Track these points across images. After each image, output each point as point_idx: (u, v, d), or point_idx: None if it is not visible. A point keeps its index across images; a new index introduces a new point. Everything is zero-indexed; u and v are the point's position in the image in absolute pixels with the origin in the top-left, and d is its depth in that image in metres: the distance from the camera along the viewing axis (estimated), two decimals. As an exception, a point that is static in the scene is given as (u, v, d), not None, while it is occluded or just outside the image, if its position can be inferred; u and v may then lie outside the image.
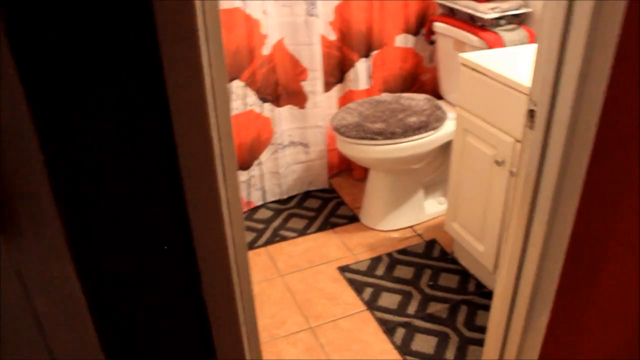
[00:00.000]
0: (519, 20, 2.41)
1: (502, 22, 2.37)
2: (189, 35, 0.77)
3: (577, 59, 1.07)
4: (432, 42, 2.82)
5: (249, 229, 2.70)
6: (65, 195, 0.78)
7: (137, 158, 0.82)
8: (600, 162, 1.22)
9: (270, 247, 2.57)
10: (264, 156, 2.77)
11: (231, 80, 2.51)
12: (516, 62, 1.96)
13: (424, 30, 2.86)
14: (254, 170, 2.77)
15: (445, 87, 2.75)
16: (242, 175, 2.72)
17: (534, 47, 1.59)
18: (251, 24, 2.47)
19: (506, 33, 2.33)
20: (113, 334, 0.93)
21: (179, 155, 0.83)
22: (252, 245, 2.58)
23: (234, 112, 2.58)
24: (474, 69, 1.98)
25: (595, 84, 1.09)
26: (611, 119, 1.17)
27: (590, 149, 1.16)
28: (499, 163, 1.91)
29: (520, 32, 2.36)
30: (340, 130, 2.41)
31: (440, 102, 2.66)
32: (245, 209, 2.82)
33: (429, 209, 2.73)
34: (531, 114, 1.21)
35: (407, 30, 2.84)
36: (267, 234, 2.66)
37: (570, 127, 1.13)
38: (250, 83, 2.57)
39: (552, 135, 1.18)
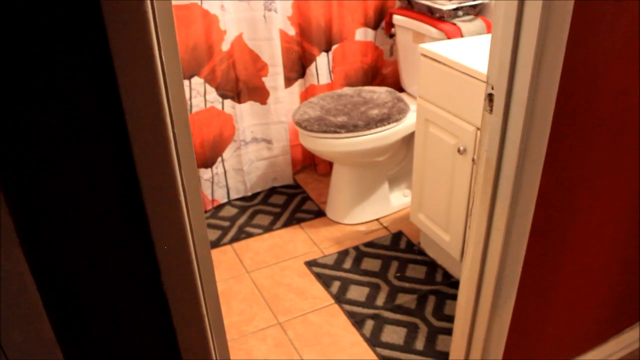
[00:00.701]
0: (476, 11, 2.43)
1: (460, 13, 2.38)
2: (140, 32, 0.75)
3: (532, 39, 1.08)
4: (391, 35, 2.82)
5: (214, 227, 2.67)
6: (16, 190, 0.75)
7: (91, 157, 0.80)
8: (559, 143, 1.23)
9: (236, 245, 2.55)
10: (227, 153, 2.74)
11: (190, 77, 2.47)
12: (475, 51, 1.97)
13: (383, 24, 2.87)
14: (218, 167, 2.74)
15: (406, 79, 2.76)
16: (206, 173, 2.69)
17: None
18: (209, 20, 2.44)
19: (464, 24, 2.35)
20: (71, 334, 0.90)
21: (134, 154, 0.81)
22: (217, 243, 2.55)
23: (194, 110, 2.55)
24: (433, 59, 1.99)
25: (551, 63, 1.10)
26: (567, 98, 1.18)
27: (549, 129, 1.17)
28: (461, 151, 1.93)
29: (478, 23, 2.38)
30: (303, 124, 2.40)
31: (402, 95, 2.66)
32: (210, 207, 2.79)
33: (395, 201, 2.74)
34: (490, 97, 1.21)
35: (366, 24, 2.84)
36: (232, 232, 2.63)
37: (528, 108, 1.14)
38: (210, 80, 2.54)
39: (511, 117, 1.18)
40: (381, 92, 2.60)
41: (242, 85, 2.67)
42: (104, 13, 0.71)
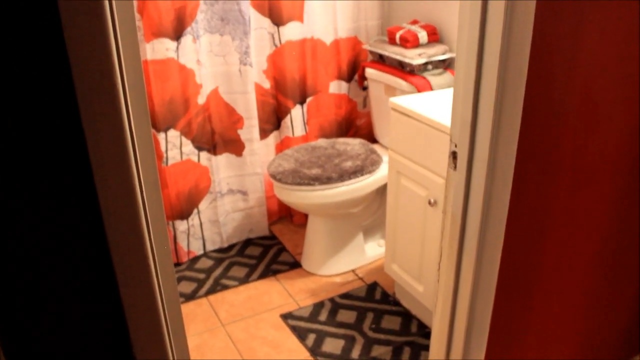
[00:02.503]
0: (445, 64, 2.50)
1: (430, 67, 2.45)
2: (108, 88, 0.77)
3: (490, 100, 1.13)
4: (364, 88, 2.89)
5: (190, 279, 2.66)
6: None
7: (57, 210, 0.81)
8: (521, 197, 1.27)
9: (212, 297, 2.54)
10: (203, 205, 2.75)
11: (167, 129, 2.50)
12: (443, 105, 2.02)
13: (356, 77, 2.94)
14: (193, 219, 2.74)
15: (379, 131, 2.81)
16: (182, 225, 2.69)
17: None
18: (185, 74, 2.48)
19: (433, 77, 2.41)
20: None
21: (101, 206, 0.83)
22: (193, 296, 2.54)
23: (170, 162, 2.57)
24: (403, 113, 2.04)
25: (509, 122, 1.15)
26: (528, 155, 1.22)
27: (511, 184, 1.21)
28: (432, 203, 1.96)
29: (447, 76, 2.45)
30: (277, 177, 2.42)
31: (375, 146, 2.71)
32: (185, 259, 2.78)
33: (370, 251, 2.76)
34: (453, 155, 1.25)
35: (340, 77, 2.90)
36: (208, 284, 2.62)
37: (490, 166, 1.18)
38: (186, 132, 2.57)
39: (474, 174, 1.22)
40: (355, 144, 2.65)
41: (218, 137, 2.70)
42: (72, 71, 0.74)
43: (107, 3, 0.73)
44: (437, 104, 2.03)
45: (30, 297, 0.85)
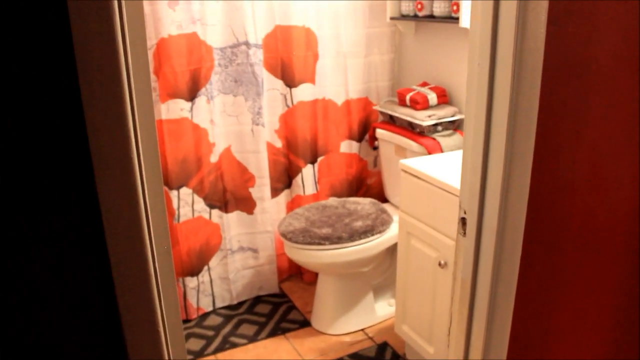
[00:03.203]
0: (454, 126, 2.54)
1: (439, 128, 2.49)
2: (122, 148, 0.79)
3: (498, 168, 1.15)
4: (375, 148, 2.93)
5: (199, 336, 2.65)
6: None
7: (67, 269, 0.83)
8: (531, 263, 1.27)
9: (220, 355, 2.52)
10: (214, 262, 2.76)
11: (179, 187, 2.54)
12: (453, 167, 2.05)
13: (367, 137, 2.98)
14: (204, 276, 2.75)
15: (389, 190, 2.83)
16: (192, 282, 2.70)
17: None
18: (199, 133, 2.53)
19: (443, 139, 2.45)
20: None
21: (111, 263, 0.84)
22: (201, 353, 2.52)
23: (182, 219, 2.60)
24: (413, 175, 2.07)
25: (518, 190, 1.16)
26: (536, 222, 1.23)
27: (520, 251, 1.22)
28: (442, 265, 1.96)
29: (457, 137, 2.48)
30: (288, 236, 2.44)
31: (386, 205, 2.73)
32: (195, 316, 2.78)
33: (380, 311, 2.74)
34: (463, 221, 1.27)
35: (351, 137, 2.95)
36: (217, 341, 2.61)
37: (499, 233, 1.19)
38: (199, 190, 2.60)
39: (484, 241, 1.23)
40: (365, 204, 2.67)
41: (230, 195, 2.73)
42: (88, 131, 0.77)
43: (123, 64, 0.76)
44: (447, 166, 2.06)
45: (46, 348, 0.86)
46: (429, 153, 2.39)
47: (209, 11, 2.44)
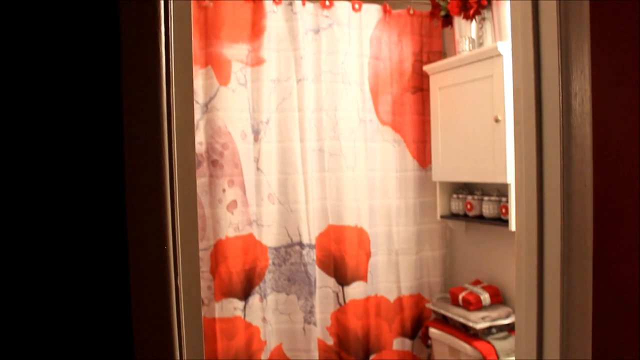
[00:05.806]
0: (509, 327, 2.48)
1: (494, 330, 2.44)
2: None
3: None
4: (428, 346, 2.86)
5: None
6: None
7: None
8: None
9: None
10: None
11: (229, 388, 2.51)
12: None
13: (420, 334, 2.93)
14: None
15: (445, 392, 2.72)
16: None
17: None
18: (251, 331, 2.55)
19: (498, 342, 2.39)
20: None
21: None
22: None
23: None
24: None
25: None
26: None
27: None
28: None
29: (512, 340, 2.41)
30: None
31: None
32: None
33: None
34: None
35: (404, 334, 2.90)
36: None
37: None
38: (248, 389, 2.57)
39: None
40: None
41: (280, 395, 2.68)
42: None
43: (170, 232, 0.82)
44: None
45: None
46: (484, 357, 2.32)
47: (265, 213, 2.57)
